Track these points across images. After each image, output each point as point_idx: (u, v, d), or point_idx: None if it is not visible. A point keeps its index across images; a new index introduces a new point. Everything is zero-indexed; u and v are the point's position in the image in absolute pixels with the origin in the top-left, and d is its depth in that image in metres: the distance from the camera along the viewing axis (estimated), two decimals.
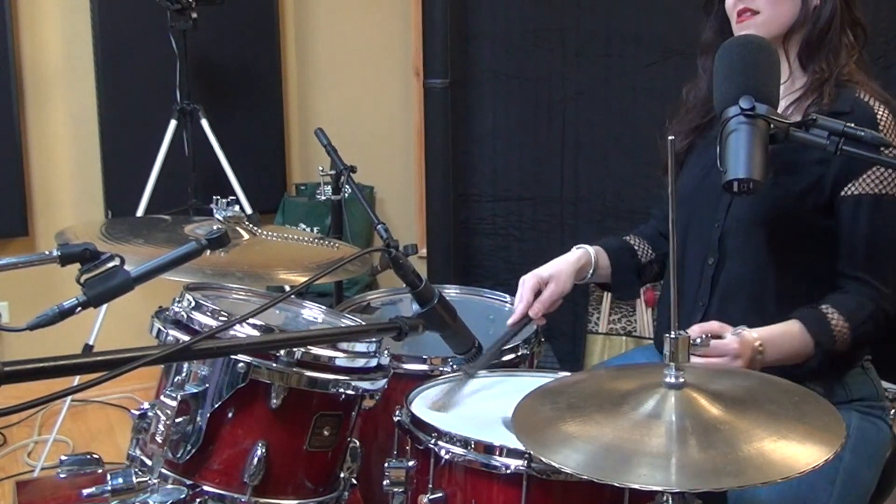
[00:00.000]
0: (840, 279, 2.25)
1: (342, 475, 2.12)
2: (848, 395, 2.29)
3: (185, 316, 2.00)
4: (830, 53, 2.27)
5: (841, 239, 2.24)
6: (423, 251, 4.86)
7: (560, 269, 2.48)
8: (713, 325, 2.09)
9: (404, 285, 1.92)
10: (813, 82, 2.26)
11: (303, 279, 2.14)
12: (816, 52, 2.27)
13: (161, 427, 1.87)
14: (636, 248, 2.67)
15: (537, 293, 2.44)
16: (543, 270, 2.47)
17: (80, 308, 1.60)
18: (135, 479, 1.91)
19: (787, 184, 2.20)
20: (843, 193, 2.20)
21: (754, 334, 2.12)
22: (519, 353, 2.47)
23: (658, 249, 2.68)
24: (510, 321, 2.45)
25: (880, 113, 2.21)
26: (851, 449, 2.21)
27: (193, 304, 2.00)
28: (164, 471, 1.94)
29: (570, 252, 2.55)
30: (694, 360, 2.06)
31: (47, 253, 1.64)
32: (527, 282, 2.44)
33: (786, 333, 2.17)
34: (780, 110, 2.00)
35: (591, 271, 2.55)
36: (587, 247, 2.57)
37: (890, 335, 2.23)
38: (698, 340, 1.82)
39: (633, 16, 4.45)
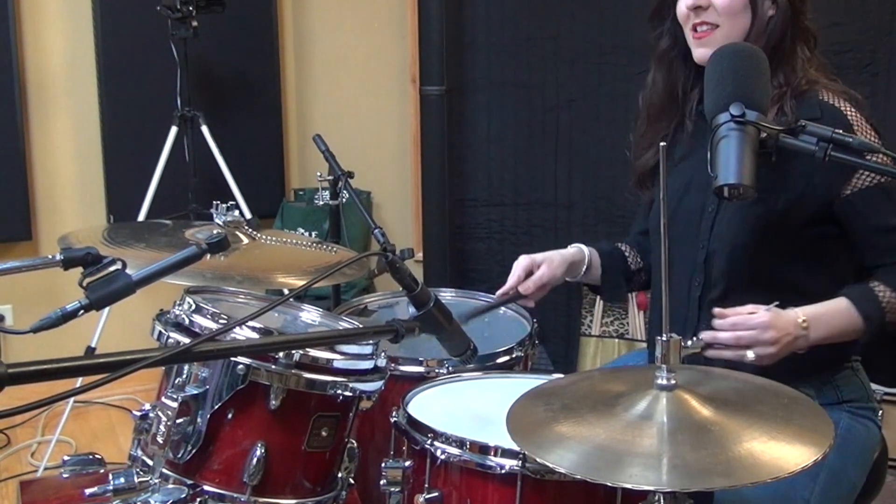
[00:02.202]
0: (872, 270, 2.21)
1: (340, 475, 2.12)
2: (839, 396, 2.29)
3: (186, 319, 2.00)
4: (786, 66, 2.24)
5: (857, 236, 2.20)
6: (420, 255, 4.86)
7: (553, 256, 2.51)
8: (745, 308, 2.07)
9: (401, 289, 1.92)
10: (773, 97, 2.19)
11: (301, 283, 2.14)
12: (772, 65, 2.19)
13: (162, 428, 1.86)
14: (627, 254, 2.67)
15: (529, 274, 2.47)
16: (538, 255, 2.50)
17: (82, 311, 1.59)
18: (136, 479, 1.92)
19: (770, 202, 2.17)
20: (844, 194, 2.17)
21: (798, 311, 2.09)
22: (513, 356, 2.47)
23: (647, 259, 2.67)
24: (499, 291, 2.50)
25: (849, 113, 2.19)
26: (837, 448, 2.19)
27: (194, 307, 2.00)
28: (164, 471, 1.94)
29: (567, 248, 2.57)
30: (721, 335, 2.05)
31: (50, 257, 1.64)
32: (520, 261, 2.49)
33: (832, 310, 2.14)
34: None
35: (583, 269, 2.56)
36: (582, 246, 2.58)
37: (876, 338, 2.22)
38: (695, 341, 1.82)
39: (626, 24, 4.46)
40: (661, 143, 1.77)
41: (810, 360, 2.15)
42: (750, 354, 2.02)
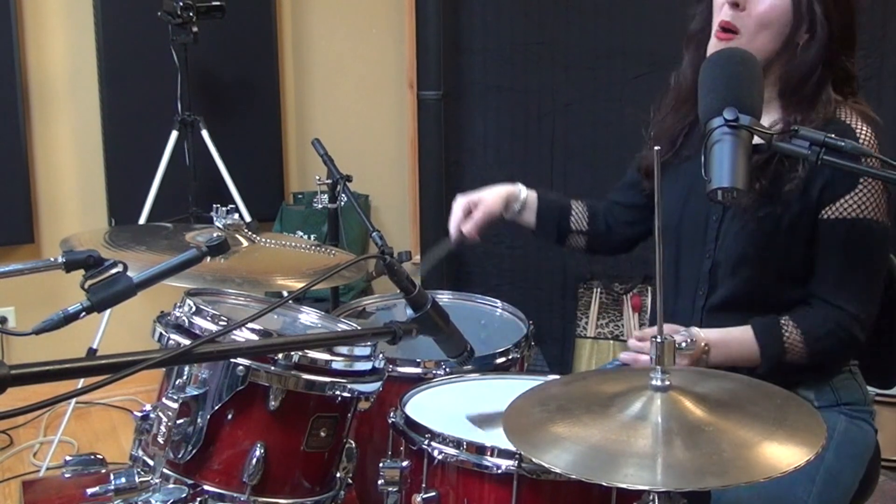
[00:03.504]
0: (810, 297, 2.23)
1: (338, 475, 2.12)
2: (837, 398, 2.28)
3: (186, 321, 1.99)
4: (805, 104, 2.18)
5: (816, 260, 2.21)
6: (417, 258, 4.86)
7: (488, 192, 2.63)
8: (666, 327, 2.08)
9: (399, 291, 1.92)
10: (786, 125, 2.16)
11: (300, 285, 2.14)
12: (793, 96, 2.20)
13: (163, 428, 1.86)
14: (573, 212, 2.70)
15: (468, 212, 2.61)
16: (474, 194, 2.62)
17: (84, 313, 1.59)
18: (137, 479, 1.91)
19: (774, 218, 2.17)
20: (821, 216, 2.17)
21: (702, 335, 2.15)
22: (509, 357, 2.47)
23: (595, 225, 2.69)
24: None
25: (859, 128, 2.16)
26: (835, 450, 2.20)
27: (194, 309, 2.00)
28: (165, 471, 1.94)
29: (503, 190, 2.66)
30: (642, 357, 2.10)
31: (52, 260, 1.64)
32: (458, 203, 2.63)
33: (736, 339, 2.19)
34: None
35: (517, 207, 2.65)
36: (521, 185, 2.68)
37: (872, 343, 2.22)
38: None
39: (620, 30, 4.47)
40: (656, 147, 1.76)
41: (811, 367, 2.19)
42: None
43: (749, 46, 2.13)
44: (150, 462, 1.94)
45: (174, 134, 4.28)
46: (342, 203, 3.44)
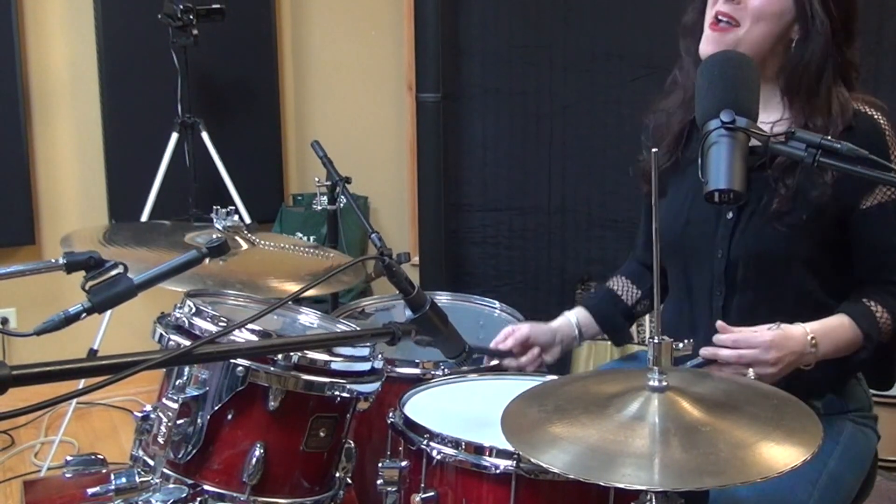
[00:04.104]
0: (871, 284, 2.20)
1: (337, 475, 2.12)
2: (845, 405, 2.28)
3: (186, 321, 2.00)
4: (823, 109, 2.15)
5: (866, 249, 2.19)
6: (416, 259, 4.86)
7: (548, 340, 2.49)
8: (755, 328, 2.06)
9: (397, 292, 1.92)
10: (796, 119, 2.16)
11: (299, 286, 2.14)
12: (798, 92, 2.17)
13: (163, 429, 1.86)
14: (620, 293, 2.60)
15: (525, 343, 2.44)
16: (542, 335, 2.47)
17: (85, 314, 1.60)
18: (138, 479, 1.91)
19: (796, 213, 2.15)
20: (863, 206, 2.15)
21: (806, 327, 2.09)
22: None
23: (644, 286, 2.60)
24: (493, 343, 2.46)
25: (882, 122, 2.16)
26: (839, 455, 2.19)
27: (194, 310, 2.00)
28: (165, 471, 1.94)
29: (554, 323, 2.53)
30: (722, 352, 2.05)
31: (53, 261, 1.64)
32: (510, 335, 2.46)
33: (837, 326, 2.14)
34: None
35: (575, 343, 2.55)
36: (570, 316, 2.54)
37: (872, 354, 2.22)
38: (680, 346, 1.81)
39: (617, 33, 4.48)
40: (653, 150, 1.76)
41: (822, 378, 2.16)
42: (750, 373, 2.02)
43: (745, 38, 2.13)
44: (151, 462, 1.94)
45: (174, 136, 4.28)
46: (341, 205, 3.43)
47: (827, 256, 2.21)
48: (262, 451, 1.92)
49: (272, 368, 1.91)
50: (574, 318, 2.54)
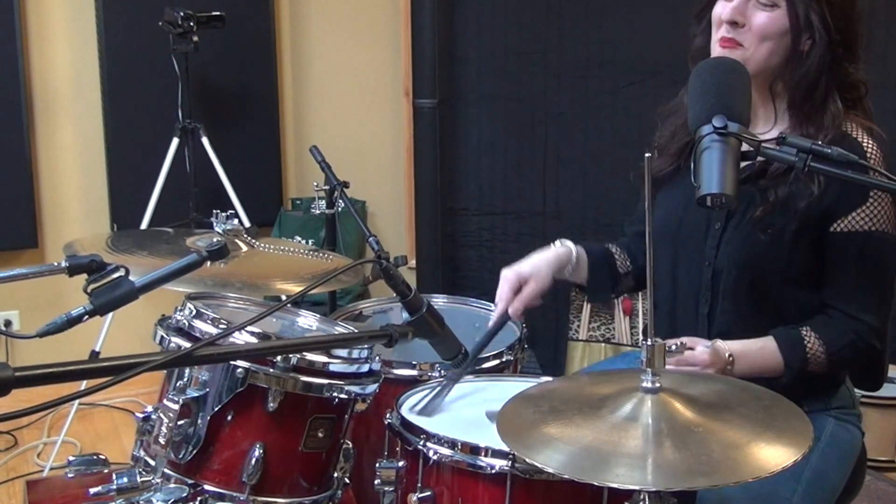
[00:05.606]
0: (826, 308, 2.22)
1: (336, 475, 2.12)
2: (827, 403, 2.29)
3: (187, 324, 2.00)
4: (816, 119, 2.17)
5: (829, 272, 2.20)
6: (413, 262, 4.86)
7: (539, 266, 2.39)
8: (688, 340, 2.09)
9: (395, 295, 1.92)
10: (792, 131, 2.16)
11: (298, 289, 2.14)
12: (803, 106, 2.18)
13: (164, 429, 1.86)
14: (616, 256, 2.61)
15: (517, 290, 2.37)
16: (524, 267, 2.39)
17: (87, 316, 1.59)
18: (139, 479, 1.91)
19: (778, 227, 2.16)
20: (832, 229, 2.16)
21: (726, 346, 2.13)
22: (503, 360, 2.48)
23: (636, 262, 2.61)
24: (491, 321, 2.41)
25: (870, 148, 2.15)
26: (821, 451, 2.20)
27: (194, 312, 2.00)
28: (166, 471, 1.94)
29: (551, 247, 2.47)
30: (668, 367, 2.08)
31: (56, 264, 1.64)
32: (507, 279, 2.37)
33: (759, 350, 2.17)
34: None
35: (569, 267, 2.46)
36: (570, 243, 2.49)
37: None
38: (673, 347, 1.83)
39: (612, 40, 4.47)
40: (647, 155, 1.76)
41: (817, 385, 2.23)
42: None
43: (752, 58, 2.15)
44: (152, 462, 1.94)
45: (175, 141, 4.27)
46: (339, 209, 3.44)
47: (811, 270, 2.22)
48: (261, 451, 1.92)
49: (271, 370, 1.91)
50: (574, 251, 2.48)
